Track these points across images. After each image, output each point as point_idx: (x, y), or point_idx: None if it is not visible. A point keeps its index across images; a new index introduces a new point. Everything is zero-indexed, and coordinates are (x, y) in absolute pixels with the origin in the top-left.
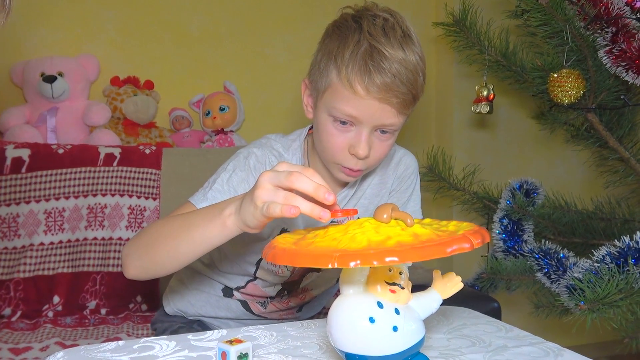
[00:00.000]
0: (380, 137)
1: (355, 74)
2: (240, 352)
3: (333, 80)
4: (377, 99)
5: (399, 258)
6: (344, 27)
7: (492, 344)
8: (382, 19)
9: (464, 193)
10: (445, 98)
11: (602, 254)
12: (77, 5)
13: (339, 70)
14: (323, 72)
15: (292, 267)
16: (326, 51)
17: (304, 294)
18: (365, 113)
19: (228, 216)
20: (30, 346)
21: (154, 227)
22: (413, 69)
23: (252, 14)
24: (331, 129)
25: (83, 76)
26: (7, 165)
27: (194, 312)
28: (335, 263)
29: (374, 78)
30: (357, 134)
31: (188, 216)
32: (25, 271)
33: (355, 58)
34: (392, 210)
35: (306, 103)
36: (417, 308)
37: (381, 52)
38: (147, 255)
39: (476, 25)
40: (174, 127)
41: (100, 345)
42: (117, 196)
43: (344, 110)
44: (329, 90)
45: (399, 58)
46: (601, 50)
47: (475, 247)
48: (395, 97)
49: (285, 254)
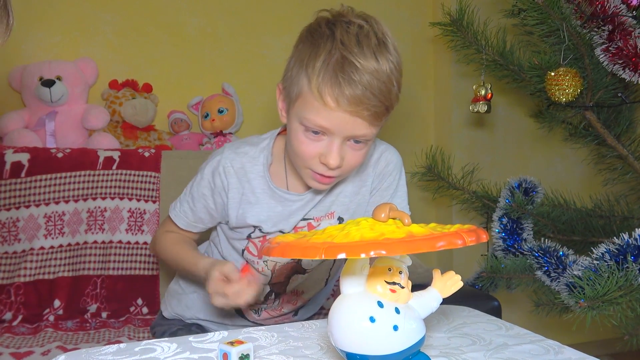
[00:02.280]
0: (353, 147)
1: (326, 85)
2: (241, 353)
3: (304, 90)
4: (348, 112)
5: (387, 251)
6: (317, 33)
7: (492, 342)
8: (357, 26)
9: (463, 192)
10: (443, 98)
11: (601, 252)
12: (74, 8)
13: (310, 80)
14: (295, 79)
15: (273, 266)
16: (298, 58)
17: (296, 299)
18: (335, 125)
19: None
20: (32, 350)
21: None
22: (386, 80)
23: (249, 15)
24: (302, 137)
25: (81, 80)
26: (7, 169)
27: (191, 315)
28: (323, 254)
29: (344, 90)
30: (329, 143)
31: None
32: (26, 275)
33: (326, 69)
34: (389, 209)
35: (280, 107)
36: (417, 307)
37: (352, 63)
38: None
39: (473, 25)
40: (173, 130)
41: (102, 348)
42: (117, 199)
43: (315, 121)
44: (300, 99)
45: (371, 69)
46: (598, 49)
47: (468, 244)
48: (367, 109)
49: (278, 247)
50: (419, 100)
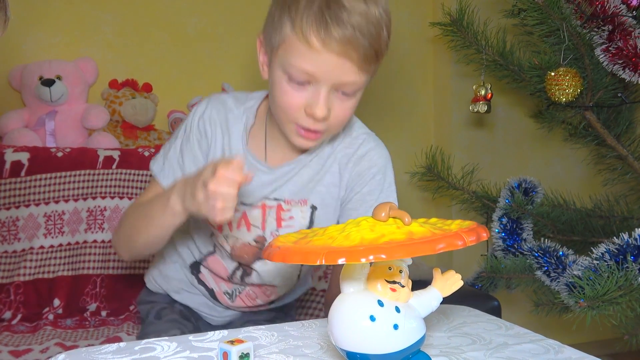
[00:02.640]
0: (340, 98)
1: (311, 25)
2: (241, 352)
3: (287, 34)
4: (335, 53)
5: (387, 255)
6: None
7: (492, 342)
8: None
9: (463, 192)
10: (443, 98)
11: (601, 252)
12: (74, 8)
13: (293, 22)
14: (277, 25)
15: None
16: (280, 2)
17: (270, 291)
18: (322, 69)
19: (175, 205)
20: (31, 348)
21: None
22: (375, 22)
23: (249, 15)
24: (286, 87)
25: (81, 79)
26: (7, 168)
27: (171, 287)
28: (323, 260)
29: (331, 30)
30: (315, 93)
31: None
32: (26, 274)
33: (310, 8)
34: (390, 208)
35: (262, 61)
36: (418, 306)
37: (340, 2)
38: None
39: (473, 25)
40: (173, 130)
41: (102, 347)
42: (117, 199)
43: (300, 66)
44: (283, 45)
45: (360, 10)
46: (598, 49)
47: (468, 244)
48: (355, 50)
49: (280, 251)
50: (419, 100)
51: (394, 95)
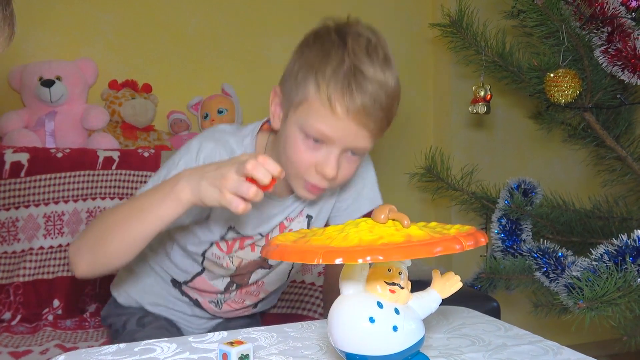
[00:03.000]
0: (349, 159)
1: (337, 92)
2: (241, 354)
3: (310, 95)
4: (356, 122)
5: (384, 256)
6: (327, 40)
7: (491, 343)
8: (366, 38)
9: (463, 193)
10: (442, 99)
11: (600, 253)
12: (74, 8)
13: (319, 85)
14: (300, 84)
15: (239, 262)
16: (305, 62)
17: (258, 290)
18: (340, 134)
19: (181, 190)
20: (30, 349)
21: (102, 218)
22: (392, 94)
23: (249, 16)
24: (300, 145)
25: (81, 80)
26: (6, 169)
27: (148, 300)
28: (320, 259)
29: (355, 99)
30: (327, 153)
31: (136, 200)
32: (25, 275)
33: (337, 76)
34: (389, 211)
35: (273, 111)
36: (417, 308)
37: (364, 73)
38: (99, 246)
39: (473, 26)
40: (173, 130)
41: (101, 348)
42: (117, 199)
43: (319, 129)
44: (304, 105)
45: (381, 81)
46: (597, 50)
47: (466, 249)
48: (373, 121)
49: (278, 250)
50: (418, 101)
51: None
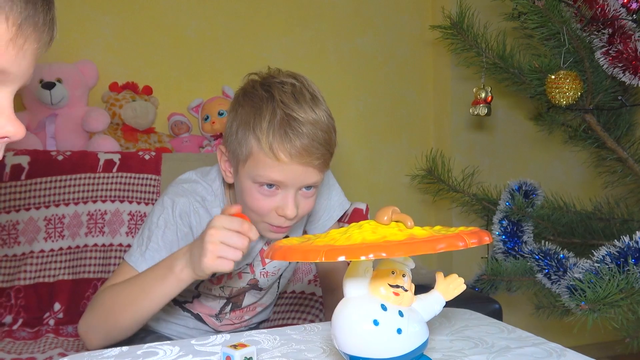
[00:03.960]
0: (305, 195)
1: (277, 142)
2: (244, 357)
3: (254, 150)
4: (301, 164)
5: (387, 253)
6: (256, 96)
7: (494, 345)
8: (290, 85)
9: (463, 195)
10: (442, 101)
11: (602, 254)
12: (74, 11)
13: (259, 140)
14: (242, 141)
15: (229, 291)
16: (242, 120)
17: (254, 307)
18: (290, 177)
19: (180, 271)
20: (34, 356)
21: (107, 298)
22: (326, 129)
23: (249, 18)
24: (256, 194)
25: (82, 82)
26: (7, 172)
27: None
28: (323, 257)
29: (294, 143)
30: (284, 196)
31: (139, 280)
32: (26, 278)
33: (273, 127)
34: (392, 212)
35: (224, 169)
36: (421, 310)
37: (296, 118)
38: (109, 325)
39: (473, 28)
40: (173, 132)
41: (104, 351)
42: (117, 202)
43: (269, 177)
44: (250, 159)
45: (313, 120)
46: (598, 52)
47: (469, 246)
48: (317, 158)
49: (281, 250)
50: (418, 103)
51: (394, 99)
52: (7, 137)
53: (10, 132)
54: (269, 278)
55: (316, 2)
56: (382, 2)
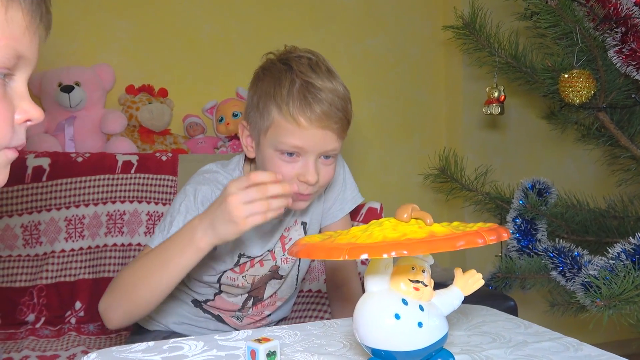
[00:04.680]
0: (325, 163)
1: (297, 107)
2: (268, 350)
3: (275, 118)
4: (320, 127)
5: (408, 251)
6: (274, 69)
7: (512, 340)
8: (307, 58)
9: (476, 194)
10: (454, 100)
11: (617, 251)
12: (92, 16)
13: (280, 107)
14: (263, 112)
15: (252, 279)
16: (262, 93)
17: (273, 299)
18: (309, 142)
19: (200, 240)
20: (57, 354)
21: (126, 274)
22: (343, 97)
23: (261, 20)
24: (278, 162)
25: (99, 85)
26: (29, 174)
27: (173, 320)
28: (347, 256)
29: (314, 108)
30: (304, 163)
31: (158, 253)
32: (48, 278)
33: (292, 94)
34: (412, 210)
35: (246, 144)
36: (440, 305)
37: (314, 85)
38: (129, 300)
39: (485, 28)
40: (188, 134)
41: (132, 346)
42: (136, 203)
43: (290, 143)
44: (272, 128)
45: (330, 88)
46: (611, 50)
47: (488, 242)
48: (335, 122)
49: (305, 248)
50: (430, 103)
51: (406, 99)
52: (30, 120)
53: (34, 115)
54: (289, 264)
55: (327, 4)
56: (393, 3)
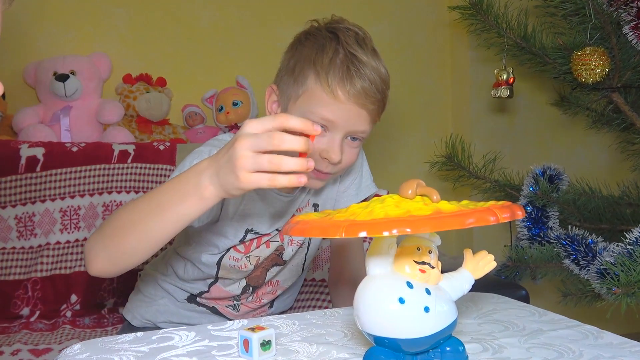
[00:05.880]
0: (350, 144)
1: (337, 78)
2: (262, 340)
3: (310, 85)
4: (357, 104)
5: (411, 228)
6: (319, 35)
7: (526, 328)
8: (354, 32)
9: (485, 181)
10: (461, 85)
11: (634, 237)
12: (87, 4)
13: (318, 74)
14: (298, 77)
15: (256, 261)
16: (301, 57)
17: (274, 288)
18: (342, 118)
19: (206, 187)
20: (50, 347)
21: (118, 214)
22: (385, 79)
23: (262, 8)
24: None
25: (95, 74)
26: (22, 164)
27: (163, 319)
28: (343, 233)
29: (355, 83)
30: (331, 139)
31: (154, 196)
32: (43, 270)
33: (335, 64)
34: (417, 185)
35: (270, 109)
36: (448, 289)
37: (360, 59)
38: (114, 244)
39: (493, 8)
40: (188, 124)
41: (119, 337)
42: (132, 193)
43: (322, 114)
44: (304, 95)
45: (374, 66)
46: (626, 27)
47: (501, 220)
48: (372, 103)
49: (299, 226)
50: (436, 88)
51: (411, 84)
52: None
53: None
54: (293, 247)
55: None
56: None
